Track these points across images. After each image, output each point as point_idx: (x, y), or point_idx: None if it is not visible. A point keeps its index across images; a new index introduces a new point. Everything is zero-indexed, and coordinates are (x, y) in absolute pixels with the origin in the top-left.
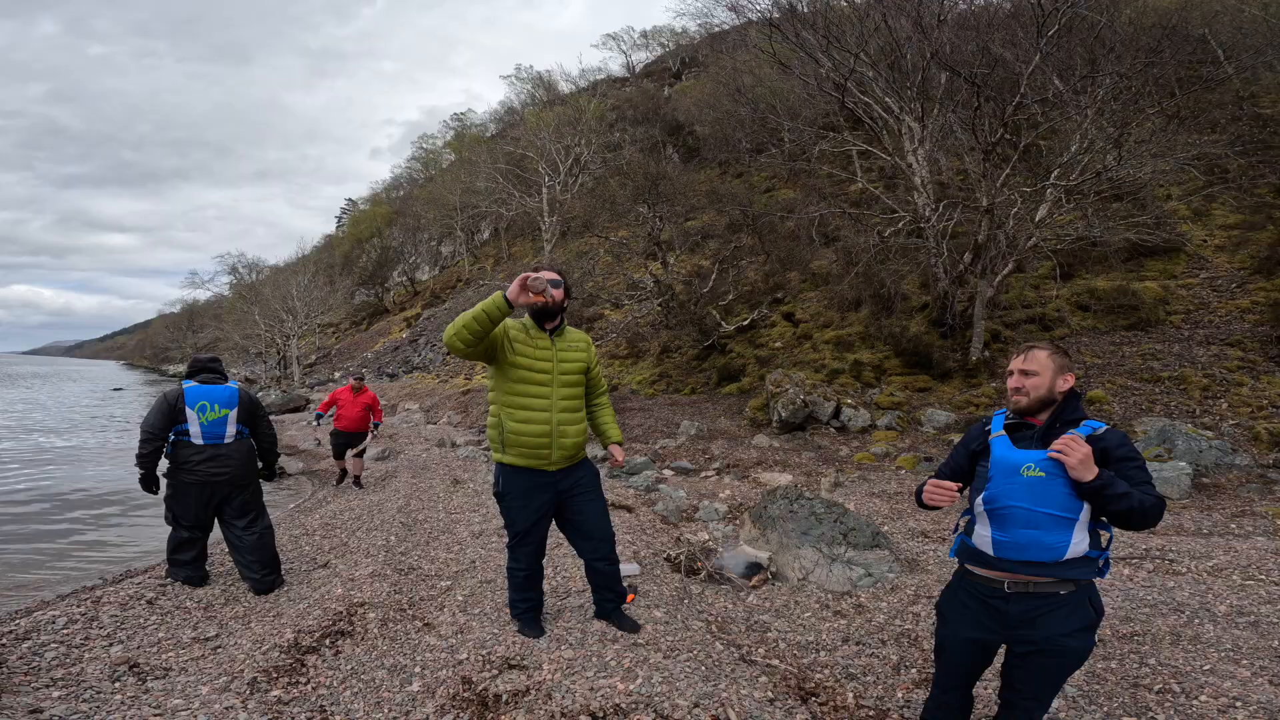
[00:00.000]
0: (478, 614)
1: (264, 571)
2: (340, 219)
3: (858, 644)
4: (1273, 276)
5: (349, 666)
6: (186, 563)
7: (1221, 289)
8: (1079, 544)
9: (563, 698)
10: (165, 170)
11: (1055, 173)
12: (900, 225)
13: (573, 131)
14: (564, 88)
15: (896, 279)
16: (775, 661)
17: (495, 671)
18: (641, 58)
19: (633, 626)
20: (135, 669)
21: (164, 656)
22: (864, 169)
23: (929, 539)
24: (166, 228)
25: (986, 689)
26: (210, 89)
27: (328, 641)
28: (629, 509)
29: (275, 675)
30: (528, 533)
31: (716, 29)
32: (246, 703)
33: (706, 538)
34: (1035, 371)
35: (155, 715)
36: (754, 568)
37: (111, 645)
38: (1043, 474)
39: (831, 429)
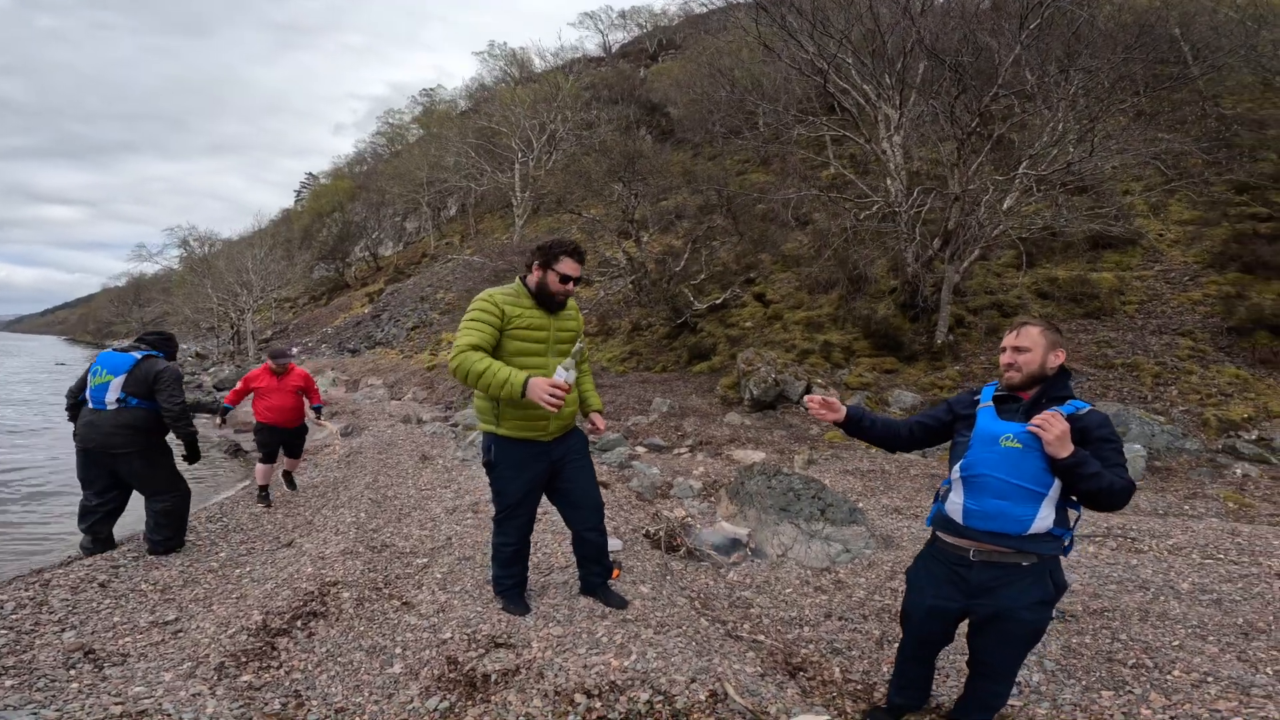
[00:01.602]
0: (458, 592)
1: (164, 535)
2: (299, 193)
3: (840, 619)
4: (1225, 271)
5: (324, 649)
6: (85, 530)
7: (1174, 281)
8: (1044, 519)
9: (555, 676)
10: (113, 143)
11: (1025, 163)
12: (874, 209)
13: (548, 108)
14: (539, 65)
15: (867, 262)
16: (761, 637)
17: (482, 651)
18: (619, 38)
19: (620, 602)
20: (91, 655)
21: (121, 642)
22: (837, 155)
23: (902, 515)
24: (112, 201)
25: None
26: (164, 62)
27: (299, 623)
28: (604, 485)
29: (244, 659)
30: (519, 505)
31: (698, 10)
32: (215, 689)
33: (683, 514)
34: (1027, 348)
35: (116, 704)
36: (733, 544)
37: (64, 631)
38: (1019, 445)
39: (802, 408)
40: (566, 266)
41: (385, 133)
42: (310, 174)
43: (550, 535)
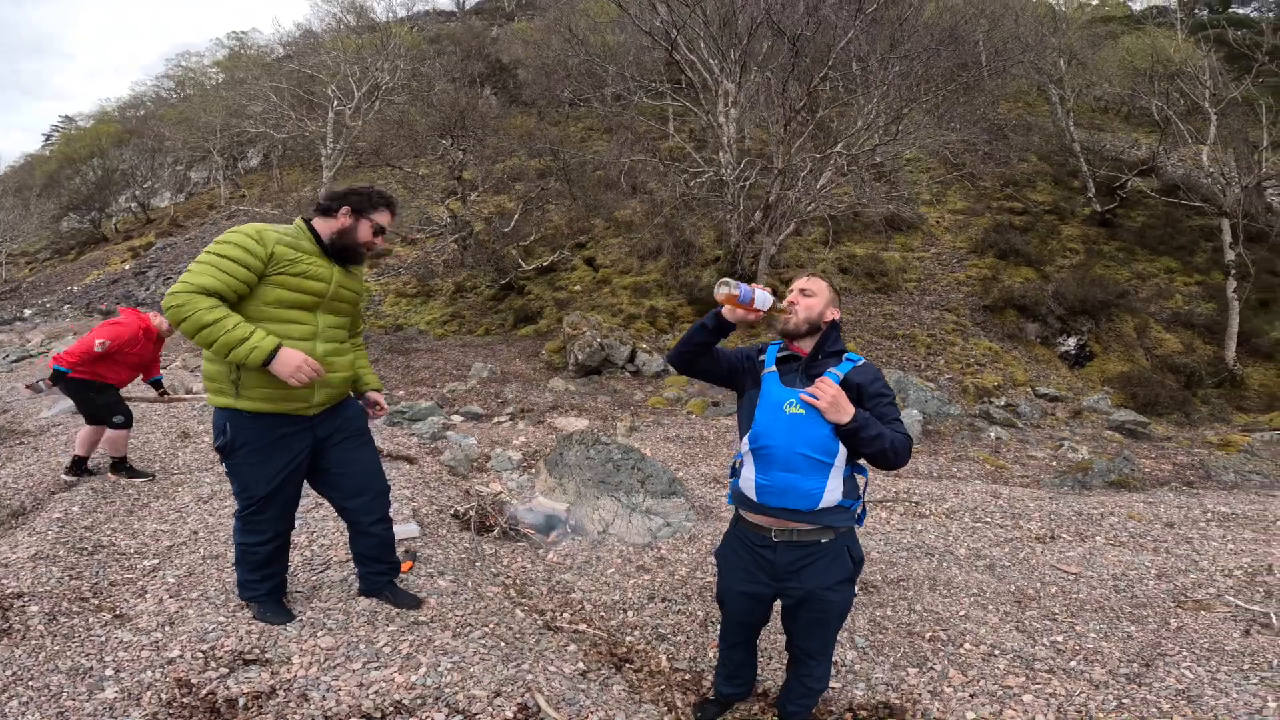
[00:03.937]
0: (196, 599)
1: None
2: (49, 137)
3: (664, 600)
4: (984, 256)
5: (9, 672)
6: None
7: (946, 263)
8: (833, 491)
9: (323, 698)
10: None
11: (840, 145)
12: (704, 178)
13: (375, 54)
14: (381, 15)
15: (695, 231)
16: (583, 626)
17: (225, 670)
18: None
19: (412, 602)
20: None
21: None
22: (679, 129)
23: (721, 484)
24: None
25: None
26: None
27: None
28: (410, 460)
29: None
30: (271, 498)
31: None
32: None
33: (500, 489)
34: (814, 293)
35: None
36: (552, 521)
37: None
38: (803, 411)
39: (627, 373)
40: (384, 218)
41: (175, 75)
42: (66, 117)
43: (332, 522)
